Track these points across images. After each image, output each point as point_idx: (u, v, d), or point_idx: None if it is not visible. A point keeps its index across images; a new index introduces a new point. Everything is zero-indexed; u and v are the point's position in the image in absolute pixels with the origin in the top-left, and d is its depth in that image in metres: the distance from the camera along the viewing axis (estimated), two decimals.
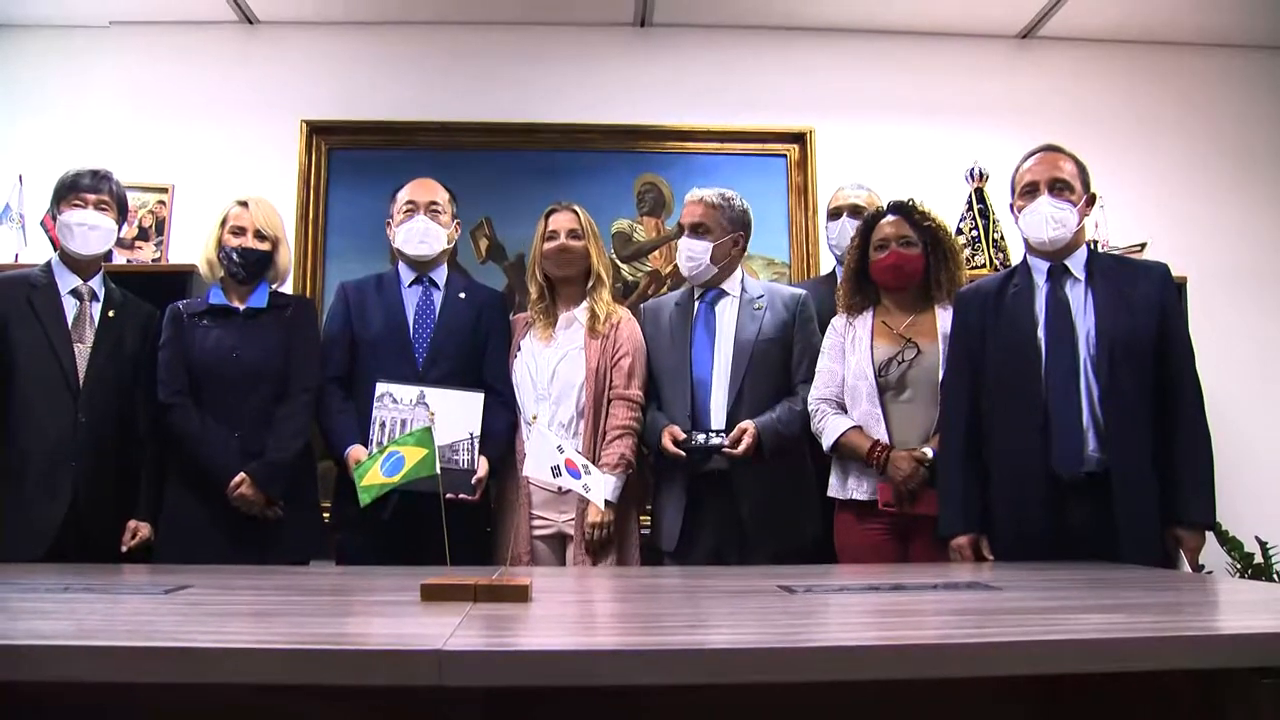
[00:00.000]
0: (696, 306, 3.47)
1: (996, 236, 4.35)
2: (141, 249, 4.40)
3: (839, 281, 3.62)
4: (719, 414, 3.30)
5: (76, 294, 3.25)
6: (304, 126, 4.60)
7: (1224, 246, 4.68)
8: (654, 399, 3.43)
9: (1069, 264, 2.96)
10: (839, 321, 3.35)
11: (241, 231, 3.33)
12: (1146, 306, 2.84)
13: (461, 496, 3.16)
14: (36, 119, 4.59)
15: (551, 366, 3.40)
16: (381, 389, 3.26)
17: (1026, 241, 3.03)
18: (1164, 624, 1.77)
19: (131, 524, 3.18)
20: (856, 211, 3.77)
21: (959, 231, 4.24)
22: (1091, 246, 3.08)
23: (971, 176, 4.41)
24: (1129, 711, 1.66)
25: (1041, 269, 2.98)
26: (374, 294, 3.50)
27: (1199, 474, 2.78)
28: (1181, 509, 2.77)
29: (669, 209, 4.64)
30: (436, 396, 3.25)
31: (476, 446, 3.27)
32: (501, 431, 3.35)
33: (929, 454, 3.05)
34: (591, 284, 3.49)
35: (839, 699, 1.58)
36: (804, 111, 4.73)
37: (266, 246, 3.35)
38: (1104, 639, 1.57)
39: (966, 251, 4.18)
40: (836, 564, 3.18)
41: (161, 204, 4.46)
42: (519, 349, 3.48)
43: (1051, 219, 2.92)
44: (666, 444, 3.25)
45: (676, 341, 3.43)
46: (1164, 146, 4.80)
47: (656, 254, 4.64)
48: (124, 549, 3.15)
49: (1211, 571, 3.72)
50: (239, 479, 3.14)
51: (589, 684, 1.44)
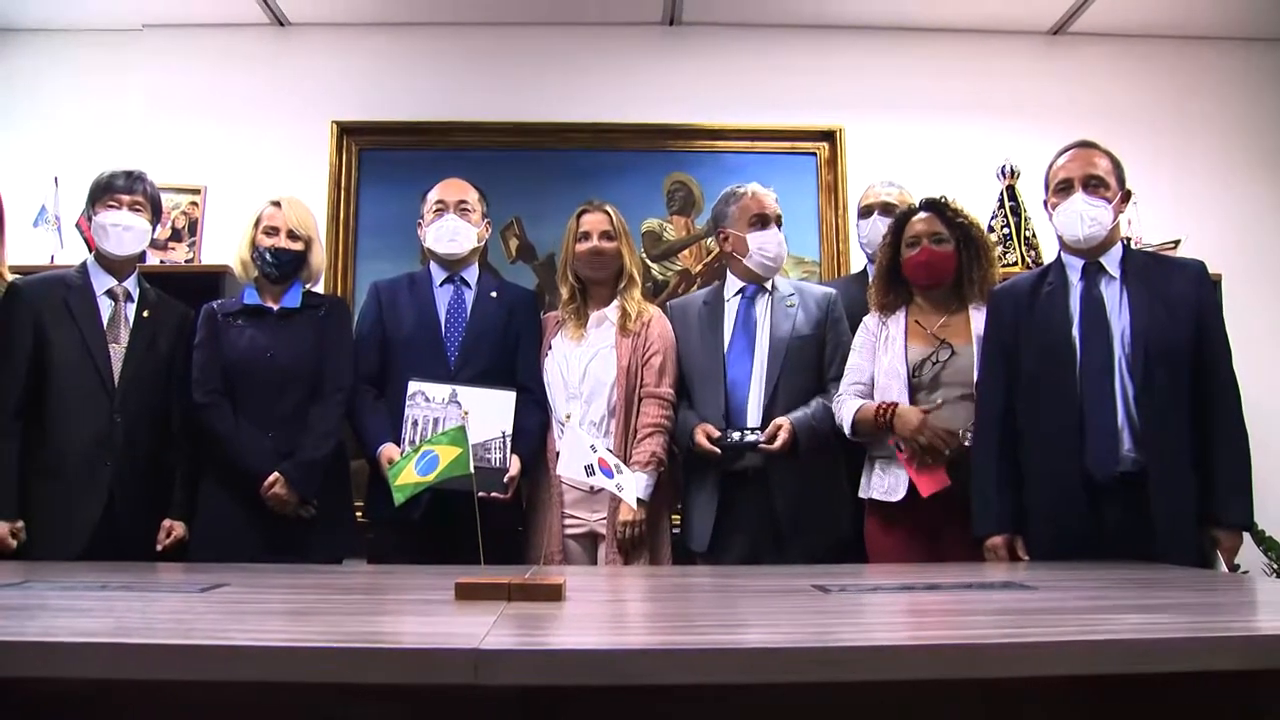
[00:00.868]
0: (735, 303, 3.46)
1: (1028, 234, 4.32)
2: (174, 250, 4.43)
3: (871, 280, 3.62)
4: (755, 411, 3.29)
5: (111, 294, 3.27)
6: (334, 127, 4.63)
7: (1259, 243, 4.64)
8: (684, 397, 3.42)
9: (1104, 262, 2.93)
10: (871, 320, 3.33)
11: (275, 232, 3.34)
12: (1182, 305, 2.81)
13: (494, 495, 3.15)
14: (71, 121, 4.63)
15: (583, 365, 3.40)
16: (414, 388, 3.27)
17: (1061, 239, 3.00)
18: (1204, 624, 1.75)
19: (166, 523, 3.20)
20: (888, 209, 3.74)
21: (990, 229, 4.21)
22: (1126, 244, 3.04)
23: (1003, 174, 4.38)
24: (1169, 713, 1.64)
25: (1076, 267, 2.95)
26: (406, 293, 3.51)
27: (1236, 474, 2.75)
28: (1219, 509, 2.74)
29: (699, 208, 4.64)
30: (468, 395, 3.25)
31: (508, 445, 3.26)
32: (533, 430, 3.35)
33: (965, 438, 3.03)
34: (623, 284, 3.49)
35: (874, 699, 1.57)
36: (834, 109, 4.72)
37: (300, 246, 3.36)
38: (1143, 639, 1.56)
39: (998, 249, 4.14)
40: (870, 564, 3.16)
41: (194, 205, 4.49)
42: (550, 348, 3.48)
43: (1086, 216, 2.89)
44: (701, 441, 3.24)
45: (707, 340, 3.42)
46: (1197, 142, 4.76)
47: (686, 253, 4.65)
48: (159, 548, 3.17)
49: (1248, 572, 3.69)
50: (272, 478, 3.15)
51: (625, 683, 1.44)
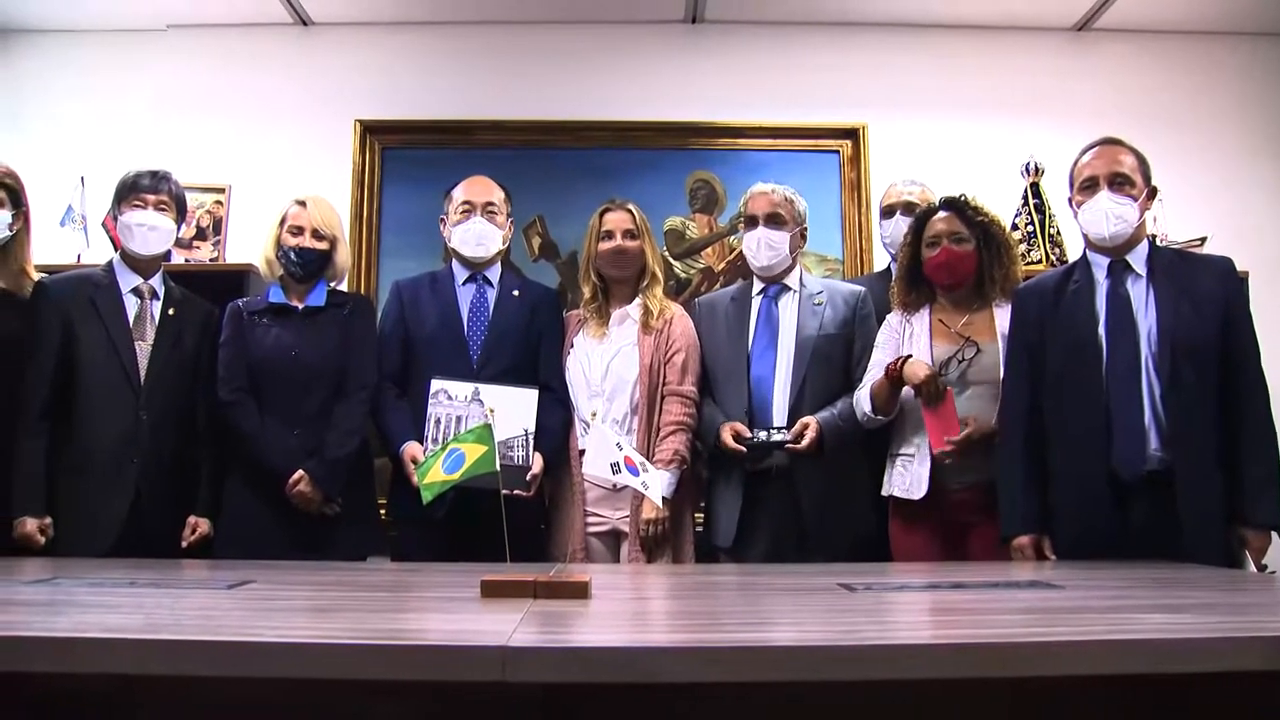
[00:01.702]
0: (758, 301, 3.46)
1: (1053, 232, 4.30)
2: (199, 249, 4.46)
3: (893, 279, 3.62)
4: (781, 411, 3.29)
5: (137, 293, 3.30)
6: (358, 126, 4.64)
7: None
8: (708, 395, 3.42)
9: (1130, 260, 2.90)
10: (894, 318, 3.32)
11: (300, 231, 3.36)
12: (1210, 302, 2.79)
13: (516, 493, 3.16)
14: (97, 121, 4.66)
15: (605, 363, 3.40)
16: (436, 386, 3.28)
17: (1086, 237, 2.98)
18: (1233, 624, 1.74)
19: (191, 520, 3.22)
20: (910, 209, 3.73)
21: (1014, 227, 4.20)
22: (1153, 241, 3.02)
23: (1027, 171, 4.36)
24: (1196, 713, 1.63)
25: (1102, 265, 2.93)
26: (428, 292, 3.52)
27: (1264, 473, 2.72)
28: (1247, 509, 2.72)
29: (721, 206, 4.64)
30: (491, 393, 3.25)
31: (531, 443, 3.27)
32: (556, 428, 3.36)
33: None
34: (646, 282, 3.49)
35: (899, 699, 1.57)
36: (857, 107, 4.71)
37: (324, 246, 3.38)
38: (1172, 639, 1.54)
39: (1022, 247, 4.12)
40: (895, 563, 3.15)
41: (219, 204, 4.51)
42: (572, 346, 3.48)
43: (1111, 215, 2.87)
44: (727, 440, 3.24)
45: (733, 337, 3.42)
46: (1223, 139, 4.73)
47: (709, 251, 4.64)
48: (184, 545, 3.19)
49: (1275, 572, 3.65)
50: (297, 476, 3.17)
51: (654, 681, 1.44)
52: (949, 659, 1.49)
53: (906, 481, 3.15)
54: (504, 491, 2.24)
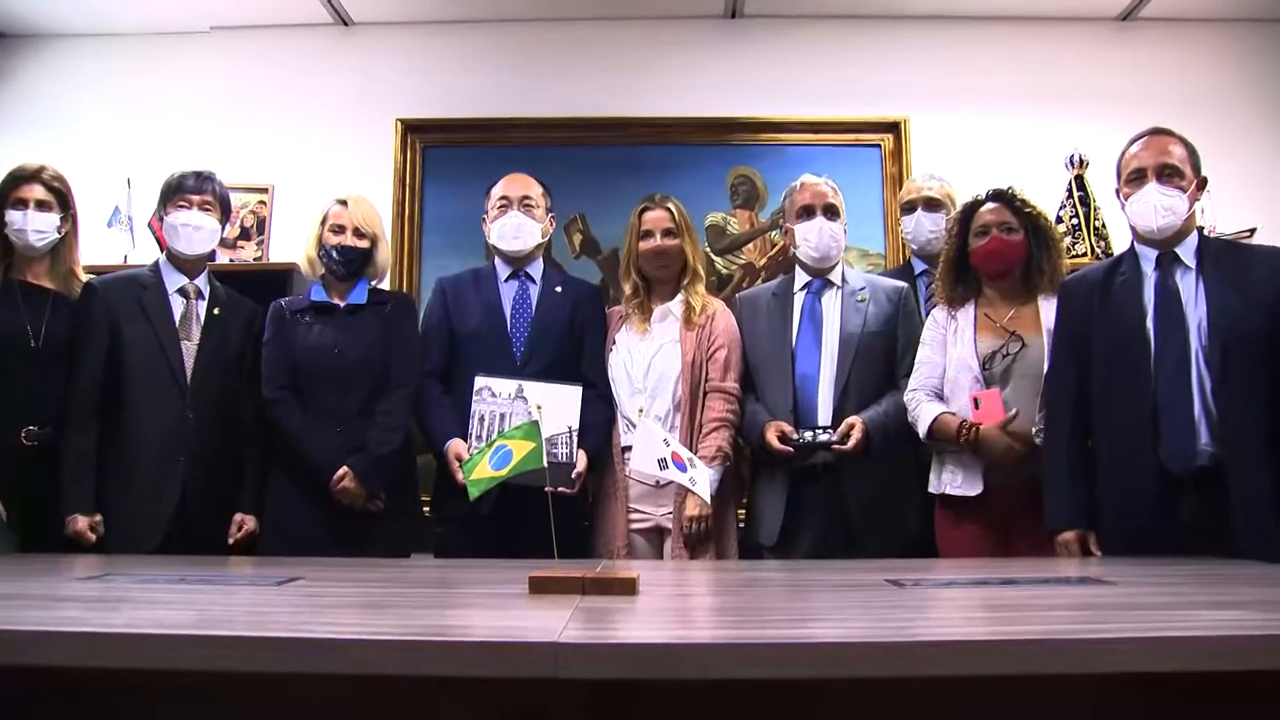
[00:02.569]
0: (801, 297, 3.44)
1: (1098, 224, 4.25)
2: (243, 248, 4.50)
3: (920, 273, 3.61)
4: (825, 409, 3.27)
5: (183, 292, 3.33)
6: (398, 125, 4.67)
7: None
8: (750, 391, 3.40)
9: (1179, 251, 2.85)
10: (939, 314, 3.29)
11: (341, 230, 3.38)
12: (1262, 294, 2.72)
13: (560, 489, 3.15)
14: (142, 123, 4.70)
15: (647, 360, 3.39)
16: (480, 383, 3.29)
17: (1134, 229, 2.93)
18: None
19: (238, 517, 3.26)
20: (930, 204, 3.73)
21: (1059, 220, 4.15)
22: (1202, 233, 2.96)
23: (1071, 163, 4.31)
24: (1250, 712, 1.60)
25: (1150, 257, 2.88)
26: (471, 289, 3.53)
27: None
28: None
29: (762, 201, 4.62)
30: (535, 390, 3.25)
31: (575, 440, 3.27)
32: (599, 425, 3.35)
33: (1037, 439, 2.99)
34: (687, 279, 3.47)
35: (948, 696, 1.55)
36: (898, 100, 4.68)
37: (366, 244, 3.39)
38: (1227, 636, 1.53)
39: (1067, 240, 4.08)
40: (941, 559, 3.12)
41: (262, 204, 4.55)
42: (614, 343, 3.47)
43: (1160, 206, 2.82)
44: (772, 441, 3.22)
45: (775, 333, 3.40)
46: (1272, 127, 4.65)
47: (751, 246, 4.63)
48: (230, 541, 3.22)
49: None
50: (341, 473, 3.18)
51: (708, 677, 1.43)
52: (1003, 656, 1.47)
53: (958, 479, 3.12)
54: (547, 489, 2.24)
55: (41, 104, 4.80)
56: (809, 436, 3.22)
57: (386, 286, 3.73)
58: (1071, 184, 4.30)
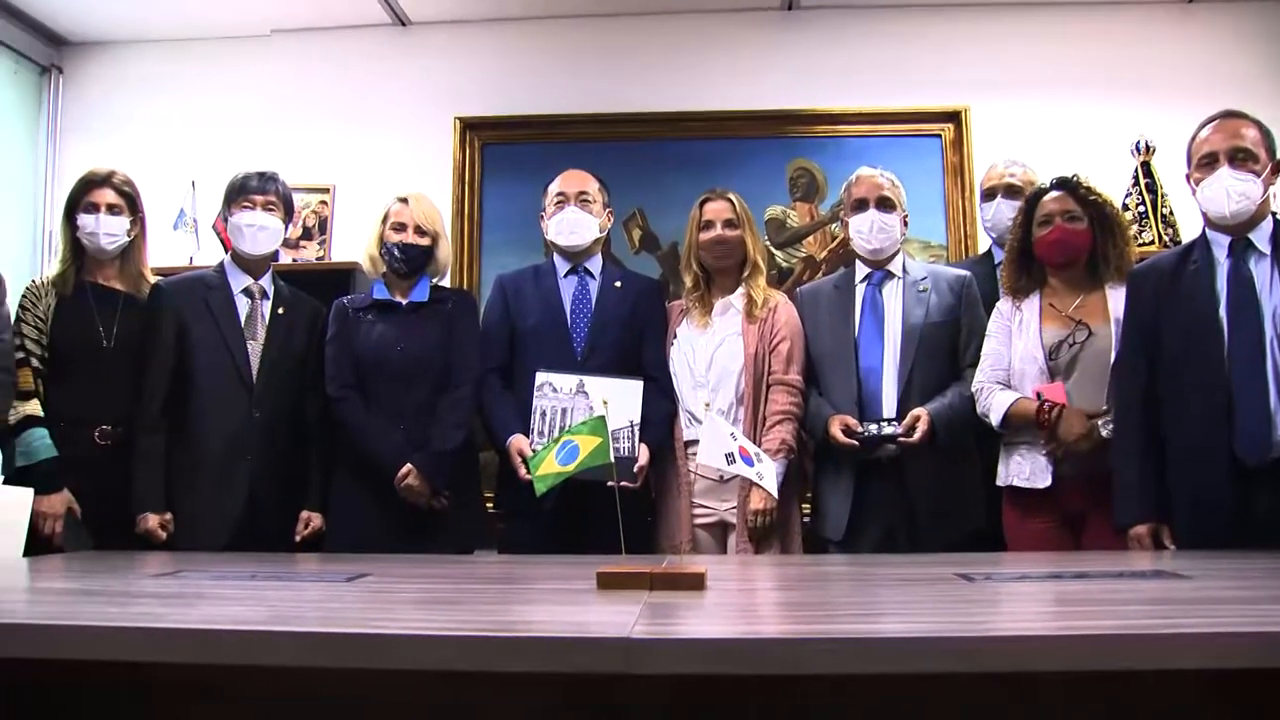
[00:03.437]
0: (862, 289, 3.41)
1: (1165, 212, 4.18)
2: (306, 248, 4.55)
3: (999, 263, 3.53)
4: (889, 401, 3.24)
5: (248, 293, 3.37)
6: (457, 123, 4.70)
7: None
8: (813, 384, 3.38)
9: (1252, 238, 2.78)
10: (1005, 305, 3.24)
11: (402, 228, 3.39)
12: None
13: (624, 484, 3.14)
14: (205, 126, 4.78)
15: (709, 353, 3.38)
16: (541, 378, 3.28)
17: (1205, 216, 2.86)
18: None
19: (304, 514, 3.29)
20: (1012, 191, 3.66)
21: (1125, 207, 4.09)
22: (1276, 218, 2.88)
23: (1137, 150, 4.25)
24: None
25: (1222, 244, 2.81)
26: (531, 285, 3.53)
27: None
28: None
29: (822, 194, 4.59)
30: (596, 385, 3.25)
31: (637, 434, 3.26)
32: (661, 419, 3.34)
33: (1104, 431, 2.94)
34: (748, 272, 3.45)
35: (1020, 691, 1.52)
36: (958, 89, 4.63)
37: (427, 242, 3.41)
38: None
39: (1133, 228, 4.01)
40: (1010, 552, 3.08)
41: (324, 204, 4.60)
42: (675, 337, 3.46)
43: (1233, 191, 2.75)
44: (837, 434, 3.19)
45: (837, 326, 3.37)
46: None
47: (811, 240, 4.60)
48: (296, 539, 3.26)
49: None
50: (405, 470, 3.20)
51: (781, 673, 1.42)
52: (1078, 651, 1.45)
53: (1027, 470, 3.07)
54: (610, 484, 2.24)
55: (107, 109, 4.90)
56: (874, 429, 3.18)
57: (447, 284, 3.74)
58: (1137, 170, 4.24)
